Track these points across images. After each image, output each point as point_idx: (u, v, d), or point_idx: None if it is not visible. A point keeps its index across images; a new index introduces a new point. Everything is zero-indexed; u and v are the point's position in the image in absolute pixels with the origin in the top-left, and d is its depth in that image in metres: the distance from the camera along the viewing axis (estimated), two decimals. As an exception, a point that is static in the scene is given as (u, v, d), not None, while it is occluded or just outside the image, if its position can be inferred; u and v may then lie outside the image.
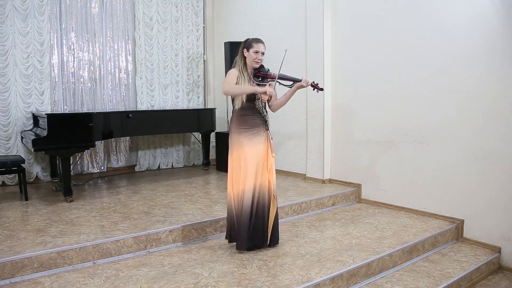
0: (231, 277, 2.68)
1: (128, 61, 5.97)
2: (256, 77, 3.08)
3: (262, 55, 3.06)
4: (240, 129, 3.04)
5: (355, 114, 4.70)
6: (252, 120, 3.06)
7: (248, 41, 3.08)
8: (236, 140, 3.05)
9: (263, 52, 3.06)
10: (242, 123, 3.05)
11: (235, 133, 3.06)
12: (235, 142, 3.06)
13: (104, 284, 2.59)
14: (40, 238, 3.07)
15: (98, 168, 5.82)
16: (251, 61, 3.05)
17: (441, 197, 3.93)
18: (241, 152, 3.03)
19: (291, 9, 5.35)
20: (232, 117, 3.12)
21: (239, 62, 3.09)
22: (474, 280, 3.18)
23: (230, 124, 3.14)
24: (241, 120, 3.05)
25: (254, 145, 3.03)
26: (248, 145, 3.02)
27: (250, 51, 3.03)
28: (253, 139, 3.03)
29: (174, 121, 5.55)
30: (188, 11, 6.43)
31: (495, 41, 3.45)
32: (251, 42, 3.06)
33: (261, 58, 3.07)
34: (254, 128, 3.05)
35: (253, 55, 3.03)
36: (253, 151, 3.02)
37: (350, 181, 4.80)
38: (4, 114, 4.95)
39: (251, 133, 3.04)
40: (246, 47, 3.06)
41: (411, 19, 4.07)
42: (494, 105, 3.49)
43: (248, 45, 3.05)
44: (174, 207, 3.95)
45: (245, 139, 3.03)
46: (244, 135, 3.03)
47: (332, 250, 3.16)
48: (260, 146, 3.06)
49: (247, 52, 3.05)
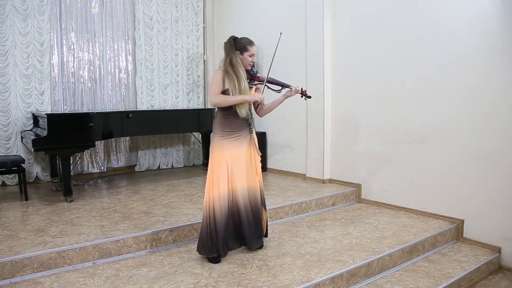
0: (231, 277, 2.68)
1: (128, 61, 5.97)
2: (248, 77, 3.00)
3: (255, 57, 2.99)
4: (224, 131, 2.92)
5: (355, 114, 4.70)
6: (236, 123, 2.94)
7: (242, 43, 2.95)
8: (218, 143, 2.92)
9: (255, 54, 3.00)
10: (226, 125, 2.93)
11: (218, 136, 2.93)
12: (217, 145, 2.92)
13: (104, 284, 2.59)
14: (40, 238, 3.07)
15: (98, 168, 5.82)
16: (245, 64, 2.96)
17: (441, 197, 3.93)
18: (223, 155, 2.90)
19: (291, 9, 5.35)
20: (216, 119, 2.99)
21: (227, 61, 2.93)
22: (474, 280, 3.18)
23: (214, 126, 3.00)
24: (225, 123, 2.93)
25: (236, 149, 2.93)
26: (230, 149, 2.91)
27: (245, 54, 2.94)
28: (236, 142, 2.93)
29: (174, 121, 5.55)
30: (188, 11, 6.43)
31: (495, 41, 3.45)
32: (246, 45, 2.95)
33: (254, 61, 3.00)
34: (238, 132, 2.94)
35: (248, 59, 2.95)
36: (235, 155, 2.92)
37: (350, 181, 4.80)
38: (4, 114, 4.96)
39: (235, 136, 2.93)
40: (239, 50, 2.94)
41: (411, 19, 4.07)
42: (494, 105, 3.49)
43: (243, 47, 2.94)
44: (174, 207, 3.95)
45: (227, 142, 2.91)
46: (227, 138, 2.91)
47: (332, 250, 3.16)
48: (243, 150, 2.96)
49: (241, 55, 2.94)
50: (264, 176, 5.55)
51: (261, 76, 3.02)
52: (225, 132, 2.93)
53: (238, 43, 2.96)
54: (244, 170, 2.98)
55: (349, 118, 4.77)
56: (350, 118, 4.76)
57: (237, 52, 2.93)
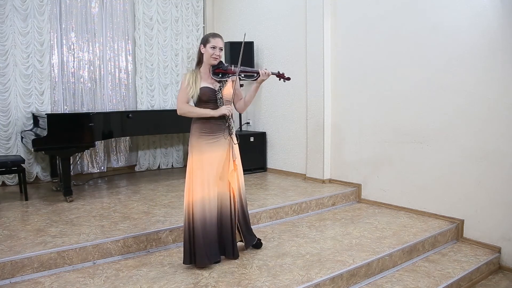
0: (231, 277, 2.68)
1: (128, 61, 5.97)
2: (216, 74, 2.83)
3: (220, 50, 2.81)
4: (201, 132, 2.82)
5: (355, 114, 4.70)
6: (214, 125, 2.83)
7: (204, 36, 2.86)
8: (196, 145, 2.82)
9: (221, 47, 2.82)
10: (203, 127, 2.82)
11: (195, 137, 2.83)
12: (195, 146, 2.82)
13: (104, 284, 2.59)
14: (40, 238, 3.07)
15: (98, 168, 5.82)
16: (208, 57, 2.80)
17: (441, 197, 3.93)
18: (200, 158, 2.81)
19: (291, 9, 5.35)
20: (193, 119, 2.88)
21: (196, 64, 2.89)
22: (474, 280, 3.18)
23: (192, 127, 2.88)
24: (202, 124, 2.82)
25: (214, 151, 2.82)
26: (208, 151, 2.80)
27: (207, 46, 2.79)
28: (214, 144, 2.82)
29: (174, 121, 5.49)
30: (188, 11, 6.43)
31: (495, 41, 3.45)
32: (208, 37, 2.82)
33: (219, 54, 2.81)
34: (215, 133, 2.83)
35: (210, 51, 2.78)
36: (212, 157, 2.81)
37: (350, 181, 4.80)
38: (4, 114, 4.96)
39: (212, 138, 2.82)
40: (202, 43, 2.82)
41: (411, 19, 4.07)
42: (494, 105, 3.49)
43: (205, 40, 2.81)
44: (174, 207, 3.95)
45: (205, 144, 2.81)
46: (204, 139, 2.81)
47: (332, 250, 3.16)
48: (220, 153, 2.85)
49: (204, 48, 2.81)
50: (264, 176, 5.55)
51: (232, 68, 2.85)
52: (203, 134, 2.82)
53: (203, 38, 2.88)
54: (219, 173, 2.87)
55: (349, 118, 4.77)
56: (350, 118, 4.76)
57: (201, 46, 2.84)
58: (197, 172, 2.81)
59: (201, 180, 2.80)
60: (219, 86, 2.85)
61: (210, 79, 2.85)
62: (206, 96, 2.80)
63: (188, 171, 2.86)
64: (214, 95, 2.82)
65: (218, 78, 2.84)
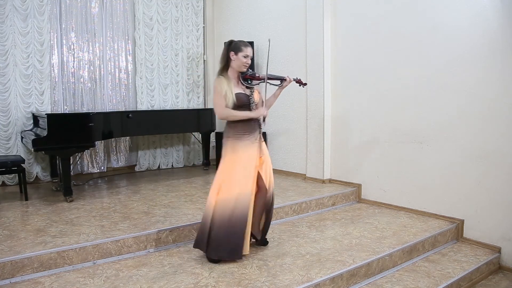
0: (231, 277, 2.68)
1: (128, 61, 5.97)
2: (245, 80, 2.99)
3: (250, 59, 2.96)
4: (236, 134, 2.93)
5: (355, 114, 4.70)
6: (248, 126, 2.95)
7: (236, 44, 2.93)
8: (232, 146, 2.93)
9: (251, 56, 2.96)
10: (239, 129, 2.93)
11: (231, 138, 2.94)
12: (231, 147, 2.93)
13: (104, 284, 2.59)
14: (40, 238, 3.07)
15: (98, 168, 5.82)
16: (239, 65, 2.93)
17: (441, 197, 3.93)
18: (236, 157, 2.90)
19: (291, 9, 5.35)
20: (228, 123, 2.99)
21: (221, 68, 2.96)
22: (474, 280, 3.18)
23: (227, 129, 3.00)
24: (238, 126, 2.93)
25: (249, 150, 2.92)
26: (243, 151, 2.91)
27: (239, 54, 2.90)
28: (248, 144, 2.93)
29: (174, 121, 5.55)
30: (188, 11, 6.43)
31: (495, 41, 3.45)
32: (240, 46, 2.92)
33: (249, 62, 2.96)
34: (249, 134, 2.95)
35: (242, 59, 2.91)
36: (247, 156, 2.91)
37: (350, 181, 4.80)
38: (4, 114, 4.95)
39: (247, 139, 2.93)
40: (233, 50, 2.92)
41: (411, 19, 4.07)
42: (494, 105, 3.49)
43: (237, 48, 2.91)
44: (174, 207, 3.95)
45: (241, 145, 2.91)
46: (240, 140, 2.92)
47: (332, 250, 3.16)
48: (255, 152, 2.96)
49: (235, 55, 2.91)
50: (264, 176, 5.54)
51: (260, 75, 3.02)
52: (238, 135, 2.93)
53: (233, 45, 2.95)
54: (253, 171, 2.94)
55: (349, 118, 4.77)
56: (350, 118, 4.76)
57: (232, 53, 2.92)
58: (232, 171, 2.90)
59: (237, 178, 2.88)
60: (249, 91, 3.00)
61: (239, 84, 2.98)
62: (241, 101, 2.91)
63: (222, 170, 2.94)
64: (248, 100, 2.96)
65: (246, 83, 2.99)
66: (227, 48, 2.96)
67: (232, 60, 2.93)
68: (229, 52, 2.93)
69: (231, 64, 2.95)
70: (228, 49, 2.94)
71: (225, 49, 2.96)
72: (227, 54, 2.95)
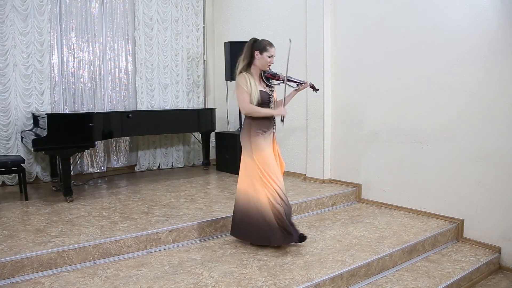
0: (231, 277, 2.68)
1: (128, 61, 5.97)
2: (267, 79, 3.12)
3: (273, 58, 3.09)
4: (258, 131, 3.06)
5: (355, 114, 4.70)
6: (266, 124, 3.11)
7: (261, 44, 3.03)
8: (255, 144, 3.05)
9: (275, 56, 3.09)
10: (259, 126, 3.07)
11: (253, 137, 3.06)
12: (254, 144, 3.06)
13: (104, 284, 2.59)
14: (40, 238, 3.07)
15: (98, 168, 5.82)
16: (263, 64, 3.05)
17: (441, 197, 3.93)
18: (263, 154, 3.04)
19: (291, 9, 5.35)
20: (247, 120, 3.11)
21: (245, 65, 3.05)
22: (474, 280, 3.18)
23: (246, 126, 3.11)
24: (258, 123, 3.07)
25: (269, 148, 3.09)
26: (266, 148, 3.07)
27: (264, 54, 3.02)
28: (268, 141, 3.10)
29: (174, 121, 5.56)
30: (188, 11, 6.43)
31: (495, 41, 3.45)
32: (266, 46, 3.03)
33: (273, 62, 3.09)
34: (268, 131, 3.11)
35: (267, 59, 3.03)
36: (270, 152, 3.09)
37: (350, 181, 4.80)
38: (4, 114, 4.96)
39: (266, 135, 3.09)
40: (258, 49, 3.02)
41: (411, 19, 4.07)
42: (494, 105, 3.49)
43: (263, 48, 3.02)
44: (174, 207, 3.95)
45: (263, 141, 3.06)
46: (261, 137, 3.06)
47: (332, 250, 3.16)
48: (272, 148, 3.13)
49: (260, 54, 3.02)
50: (264, 176, 5.54)
51: (281, 75, 3.13)
52: (259, 132, 3.06)
53: (258, 44, 3.05)
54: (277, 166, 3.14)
55: (349, 118, 4.77)
56: (350, 118, 4.76)
57: (256, 52, 3.02)
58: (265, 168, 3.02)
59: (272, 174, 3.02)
60: (270, 90, 3.13)
61: (261, 82, 3.11)
62: (263, 99, 3.05)
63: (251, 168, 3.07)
64: (268, 98, 3.09)
65: (268, 82, 3.13)
66: (251, 46, 3.05)
67: (256, 58, 3.04)
68: (254, 51, 3.02)
69: (255, 62, 3.05)
70: (253, 48, 3.04)
71: (249, 47, 3.05)
72: (251, 52, 3.04)
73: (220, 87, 6.66)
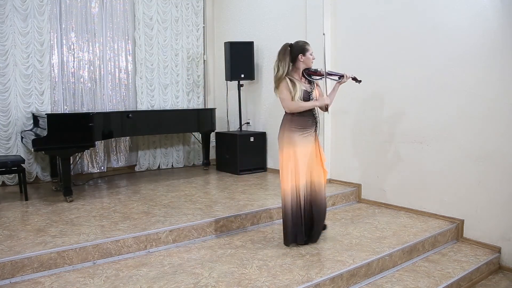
0: (231, 277, 2.68)
1: (128, 61, 5.97)
2: (309, 75, 3.26)
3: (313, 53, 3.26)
4: (293, 128, 3.17)
5: (355, 114, 4.70)
6: (305, 121, 3.20)
7: (301, 46, 3.19)
8: (288, 139, 3.17)
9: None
10: (296, 123, 3.18)
11: (287, 132, 3.18)
12: (287, 140, 3.18)
13: (104, 284, 2.59)
14: (40, 238, 3.07)
15: (98, 168, 5.82)
16: (308, 63, 3.22)
17: (441, 197, 3.93)
18: (293, 150, 3.15)
19: (291, 9, 5.35)
20: (286, 116, 3.24)
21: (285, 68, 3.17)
22: (474, 280, 3.18)
23: (283, 122, 3.24)
24: (295, 121, 3.18)
25: (305, 145, 3.18)
26: (300, 145, 3.15)
27: (307, 54, 3.20)
28: (304, 139, 3.18)
29: (174, 121, 5.55)
30: (188, 11, 6.43)
31: (495, 41, 3.45)
32: (305, 46, 3.20)
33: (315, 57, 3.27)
34: (306, 129, 3.19)
35: (310, 58, 3.21)
36: (303, 150, 3.17)
37: (350, 181, 4.80)
38: (4, 114, 4.96)
39: (304, 132, 3.18)
40: (301, 53, 3.18)
41: (411, 19, 4.07)
42: (494, 105, 3.49)
43: (304, 49, 3.19)
44: (174, 207, 3.95)
45: (297, 138, 3.16)
46: (297, 134, 3.16)
47: (332, 250, 3.16)
48: (310, 147, 3.21)
49: (304, 56, 3.19)
50: (264, 176, 5.55)
51: (321, 71, 3.25)
52: (296, 129, 3.17)
53: (296, 48, 3.19)
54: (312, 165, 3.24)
55: (349, 118, 4.77)
56: (350, 118, 4.76)
57: (300, 55, 3.17)
58: (289, 164, 3.16)
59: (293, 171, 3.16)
60: (310, 87, 3.25)
61: (302, 81, 3.23)
62: (304, 98, 3.19)
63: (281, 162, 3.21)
64: (308, 96, 3.21)
65: (309, 78, 3.27)
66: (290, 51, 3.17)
67: (301, 61, 3.20)
68: (298, 55, 3.18)
69: (298, 65, 3.21)
70: (293, 52, 3.18)
71: (288, 53, 3.17)
72: (292, 57, 3.18)
73: (220, 87, 6.66)
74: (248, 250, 3.16)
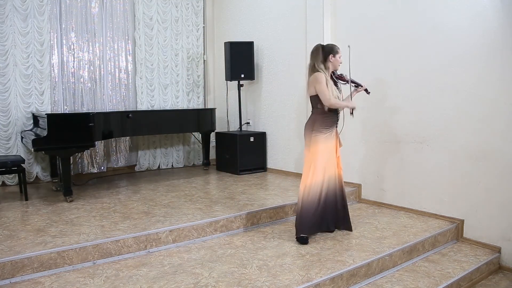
0: (231, 277, 2.68)
1: (128, 61, 5.97)
2: (337, 78, 3.44)
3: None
4: (321, 128, 3.32)
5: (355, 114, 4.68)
6: (331, 121, 3.37)
7: (332, 48, 3.33)
8: (315, 137, 3.31)
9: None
10: (324, 123, 3.33)
11: (315, 131, 3.32)
12: (314, 138, 3.32)
13: (104, 284, 2.59)
14: (40, 238, 3.08)
15: (98, 168, 5.82)
16: (336, 65, 3.37)
17: (441, 197, 3.93)
18: (318, 148, 3.31)
19: (291, 9, 5.35)
20: (314, 116, 3.38)
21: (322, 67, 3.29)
22: (474, 280, 3.18)
23: (312, 122, 3.36)
24: (323, 121, 3.33)
25: (328, 143, 3.35)
26: (324, 143, 3.32)
27: (337, 56, 3.34)
28: (329, 137, 3.35)
29: (174, 121, 5.56)
30: (188, 11, 6.43)
31: (495, 41, 3.45)
32: (334, 48, 3.34)
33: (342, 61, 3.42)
34: (331, 127, 3.37)
35: (339, 60, 3.37)
36: (326, 148, 3.34)
37: (350, 181, 4.80)
38: (4, 114, 4.96)
39: (329, 132, 3.35)
40: (332, 53, 3.31)
41: (411, 19, 4.07)
42: (494, 105, 3.49)
43: (335, 51, 3.33)
44: (174, 207, 3.95)
45: (322, 137, 3.31)
46: (324, 133, 3.32)
47: (332, 250, 3.16)
48: (333, 142, 3.39)
49: (334, 57, 3.32)
50: (264, 176, 5.55)
51: (346, 77, 3.44)
52: (322, 128, 3.32)
53: (328, 48, 3.34)
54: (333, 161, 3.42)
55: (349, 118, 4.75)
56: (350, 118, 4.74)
57: (331, 55, 3.31)
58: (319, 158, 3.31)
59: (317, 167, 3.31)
60: (337, 89, 3.41)
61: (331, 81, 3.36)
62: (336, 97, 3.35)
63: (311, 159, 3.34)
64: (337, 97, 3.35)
65: (336, 81, 3.45)
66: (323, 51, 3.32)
67: (330, 61, 3.33)
68: (328, 55, 3.32)
69: (328, 65, 3.34)
70: (326, 52, 3.32)
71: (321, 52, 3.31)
72: (325, 56, 3.32)
73: (220, 87, 6.66)
74: (248, 250, 3.16)
